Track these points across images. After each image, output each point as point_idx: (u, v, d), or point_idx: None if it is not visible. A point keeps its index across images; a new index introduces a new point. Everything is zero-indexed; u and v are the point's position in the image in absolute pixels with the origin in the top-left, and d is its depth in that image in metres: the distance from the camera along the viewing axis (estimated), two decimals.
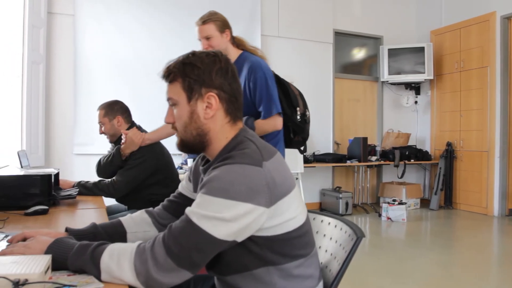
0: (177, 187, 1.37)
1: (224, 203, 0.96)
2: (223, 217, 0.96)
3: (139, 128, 2.63)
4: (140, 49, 5.03)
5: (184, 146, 1.15)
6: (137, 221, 1.30)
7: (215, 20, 2.26)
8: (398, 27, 6.71)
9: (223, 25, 2.27)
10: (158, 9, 5.15)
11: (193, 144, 1.13)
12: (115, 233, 1.25)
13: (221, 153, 1.10)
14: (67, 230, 1.23)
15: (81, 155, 4.70)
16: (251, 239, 1.04)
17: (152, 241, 0.99)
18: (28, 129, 3.99)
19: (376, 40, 6.71)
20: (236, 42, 2.35)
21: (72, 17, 4.76)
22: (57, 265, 0.98)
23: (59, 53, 4.73)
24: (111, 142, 2.70)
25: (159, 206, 1.36)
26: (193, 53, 1.11)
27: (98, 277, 0.95)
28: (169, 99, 1.12)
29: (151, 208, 1.36)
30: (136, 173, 2.45)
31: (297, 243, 1.08)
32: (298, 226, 1.08)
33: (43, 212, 1.80)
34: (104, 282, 0.95)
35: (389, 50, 6.42)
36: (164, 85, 1.14)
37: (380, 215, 5.49)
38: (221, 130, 1.11)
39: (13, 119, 3.77)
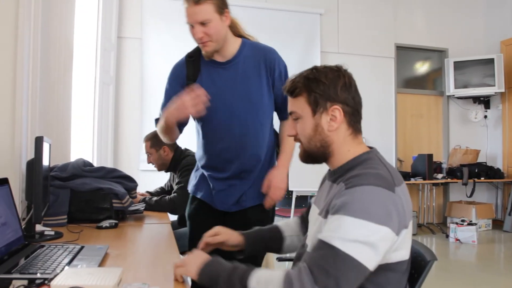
0: None
1: (367, 226, 0.94)
2: (367, 241, 0.93)
3: (185, 150, 2.73)
4: None
5: (307, 157, 1.18)
6: (292, 226, 1.40)
7: None
8: (465, 39, 6.41)
9: (222, 3, 1.69)
10: None
11: (316, 155, 1.16)
12: (274, 237, 1.38)
13: (348, 164, 1.11)
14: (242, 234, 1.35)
15: (146, 171, 4.89)
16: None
17: (298, 269, 0.97)
18: (99, 146, 4.23)
19: (440, 53, 6.46)
20: (232, 27, 1.85)
21: (140, 40, 5.04)
22: (209, 282, 1.05)
23: (127, 74, 5.01)
24: (159, 170, 2.80)
25: (306, 211, 1.41)
26: (316, 68, 1.14)
27: None
28: (292, 113, 1.17)
29: (300, 215, 1.45)
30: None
31: (392, 277, 1.04)
32: (407, 259, 1.06)
33: (113, 226, 1.89)
34: None
35: (455, 62, 6.14)
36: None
37: (447, 236, 5.20)
38: (343, 142, 1.13)
39: (86, 136, 4.02)
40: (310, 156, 1.16)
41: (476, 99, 6.32)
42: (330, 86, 1.10)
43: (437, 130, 6.47)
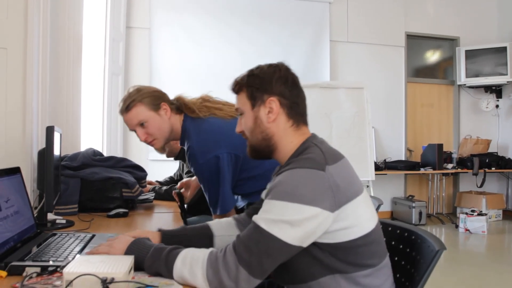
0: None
1: (290, 206, 0.98)
2: (289, 220, 0.97)
3: None
4: (212, 58, 5.21)
5: (253, 151, 1.22)
6: (224, 225, 1.35)
7: (141, 99, 1.62)
8: (477, 27, 6.31)
9: (155, 98, 1.64)
10: (230, 16, 5.29)
11: (260, 149, 1.19)
12: (203, 235, 1.30)
13: (290, 158, 1.13)
14: (160, 230, 1.30)
15: (155, 161, 4.92)
16: (317, 245, 1.04)
17: (224, 249, 1.01)
18: (108, 136, 4.26)
19: (451, 42, 6.37)
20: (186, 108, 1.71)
21: (148, 30, 5.05)
22: (136, 265, 1.03)
23: (136, 64, 5.02)
24: (168, 157, 2.80)
25: (244, 213, 1.39)
26: (257, 67, 1.21)
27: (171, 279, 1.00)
28: (237, 109, 1.23)
29: (237, 215, 1.40)
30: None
31: (363, 251, 1.06)
32: (364, 234, 1.06)
33: (124, 215, 1.92)
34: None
35: (467, 51, 6.06)
36: (233, 95, 1.24)
37: (457, 226, 5.17)
38: (284, 134, 1.16)
39: (96, 126, 4.05)
40: (255, 149, 1.20)
41: (488, 88, 6.23)
42: (266, 80, 1.16)
43: (448, 119, 6.41)
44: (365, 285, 1.07)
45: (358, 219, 1.05)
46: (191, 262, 1.00)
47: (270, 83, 1.16)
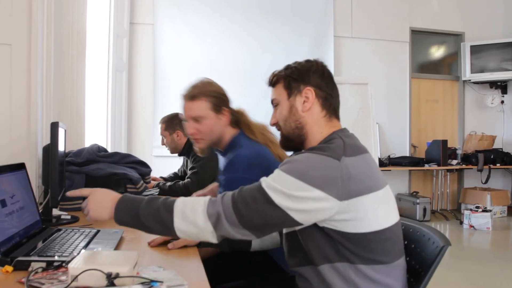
0: None
1: (297, 184, 1.01)
2: (291, 194, 1.01)
3: None
4: (216, 53, 5.20)
5: (285, 140, 1.24)
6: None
7: (208, 95, 1.61)
8: (482, 22, 6.26)
9: (221, 101, 1.64)
10: (233, 12, 5.28)
11: (292, 138, 1.22)
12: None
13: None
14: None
15: (159, 157, 4.93)
16: (326, 231, 1.06)
17: (223, 194, 1.08)
18: (113, 132, 4.27)
19: (456, 37, 6.33)
20: (239, 121, 1.70)
21: (152, 26, 5.04)
22: (128, 217, 1.08)
23: (140, 60, 5.02)
24: (172, 153, 2.81)
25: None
26: (294, 62, 1.26)
27: (171, 222, 1.06)
28: (272, 100, 1.26)
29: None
30: (202, 174, 2.52)
31: (375, 247, 1.07)
32: (377, 230, 1.06)
33: None
34: (177, 229, 1.06)
35: (472, 47, 6.02)
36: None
37: (461, 223, 5.16)
38: (316, 123, 1.20)
39: (100, 123, 4.06)
40: (288, 138, 1.23)
41: (493, 84, 6.20)
42: (303, 71, 1.21)
43: (452, 115, 6.38)
44: (375, 281, 1.07)
45: (370, 214, 1.05)
46: (191, 202, 1.08)
47: (308, 74, 1.20)
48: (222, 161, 1.70)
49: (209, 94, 1.60)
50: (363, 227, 1.05)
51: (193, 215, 1.05)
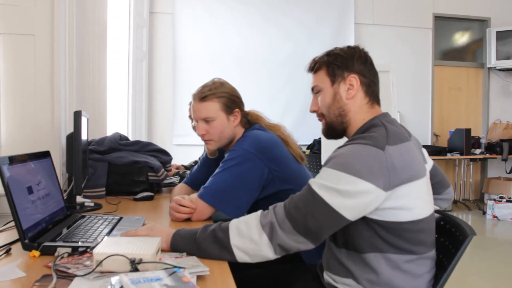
0: None
1: (345, 177, 1.00)
2: (341, 189, 1.00)
3: None
4: (236, 41, 5.18)
5: (328, 128, 1.24)
6: None
7: (219, 96, 1.58)
8: (508, 7, 6.06)
9: (232, 103, 1.60)
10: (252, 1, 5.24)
11: (335, 125, 1.22)
12: None
13: (356, 133, 1.17)
14: None
15: (180, 146, 4.98)
16: (365, 221, 1.06)
17: (274, 205, 1.10)
18: (133, 121, 4.32)
19: (481, 23, 6.15)
20: (250, 120, 1.68)
21: (171, 15, 5.05)
22: (184, 243, 1.10)
23: (160, 49, 5.05)
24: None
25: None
26: (335, 48, 1.24)
27: (227, 240, 1.07)
28: (313, 87, 1.25)
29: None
30: None
31: (409, 237, 1.07)
32: (413, 220, 1.06)
33: (150, 198, 1.95)
34: (233, 245, 1.06)
35: (498, 32, 5.84)
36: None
37: (484, 213, 5.06)
38: (360, 110, 1.19)
39: (121, 112, 4.11)
40: (330, 127, 1.23)
41: None
42: (347, 58, 1.19)
43: (476, 103, 6.23)
44: (406, 271, 1.07)
45: (410, 203, 1.05)
46: (245, 219, 1.09)
47: (352, 61, 1.19)
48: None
49: (220, 95, 1.57)
50: (400, 216, 1.05)
51: (247, 229, 1.06)
